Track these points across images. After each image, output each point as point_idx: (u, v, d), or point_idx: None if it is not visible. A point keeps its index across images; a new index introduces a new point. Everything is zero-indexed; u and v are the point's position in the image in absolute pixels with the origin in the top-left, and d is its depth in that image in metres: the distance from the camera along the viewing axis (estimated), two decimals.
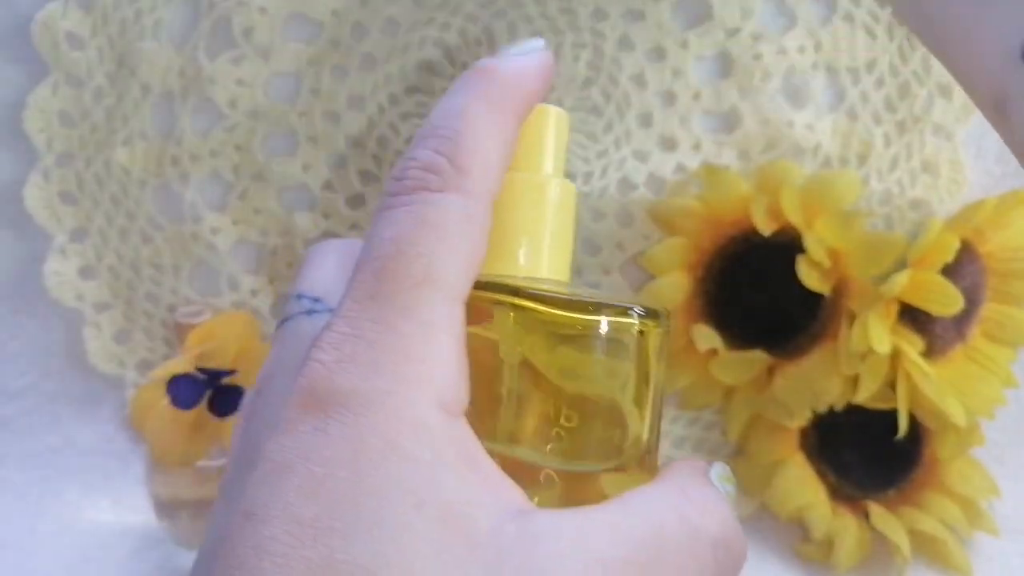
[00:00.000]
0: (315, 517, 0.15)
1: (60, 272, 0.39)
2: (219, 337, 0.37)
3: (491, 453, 0.18)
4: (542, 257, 0.21)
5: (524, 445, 0.19)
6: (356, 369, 0.17)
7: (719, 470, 0.21)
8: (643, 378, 0.19)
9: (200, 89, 0.37)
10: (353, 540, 0.15)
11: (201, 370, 0.36)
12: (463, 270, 0.18)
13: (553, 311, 0.19)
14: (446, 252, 0.18)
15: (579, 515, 0.17)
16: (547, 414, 0.19)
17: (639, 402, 0.19)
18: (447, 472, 0.17)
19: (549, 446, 0.19)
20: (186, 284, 0.40)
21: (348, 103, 0.38)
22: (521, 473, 0.19)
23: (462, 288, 0.18)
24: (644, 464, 0.20)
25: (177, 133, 0.37)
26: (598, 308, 0.19)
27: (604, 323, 0.19)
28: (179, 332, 0.37)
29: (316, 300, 0.22)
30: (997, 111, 0.23)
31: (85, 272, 0.40)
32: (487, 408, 0.19)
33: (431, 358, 0.17)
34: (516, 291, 0.19)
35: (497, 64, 0.21)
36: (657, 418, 0.20)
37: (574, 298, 0.19)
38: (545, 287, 0.20)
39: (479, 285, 0.19)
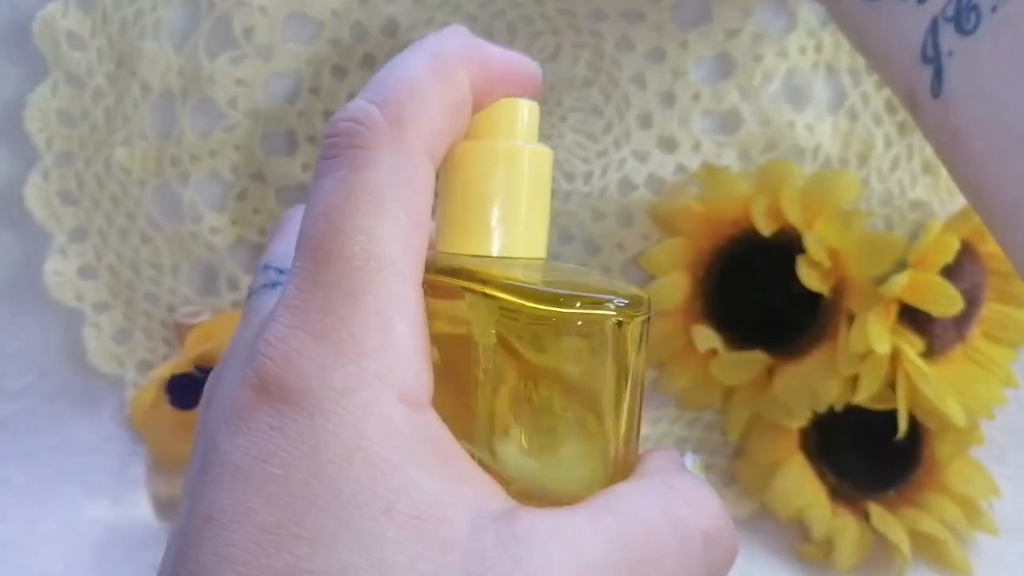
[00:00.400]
0: (277, 523, 0.15)
1: (60, 272, 0.39)
2: (218, 337, 0.37)
3: (468, 440, 0.18)
4: (518, 233, 0.19)
5: (501, 430, 0.18)
6: (307, 365, 0.16)
7: (692, 460, 0.20)
8: (621, 369, 0.18)
9: (200, 89, 0.37)
10: (318, 549, 0.15)
11: (201, 370, 0.36)
12: (407, 239, 0.17)
13: (524, 303, 0.17)
14: (384, 223, 0.16)
15: (562, 515, 0.16)
16: (524, 397, 0.18)
17: (616, 393, 0.18)
18: (418, 471, 0.16)
19: (527, 431, 0.18)
20: (185, 284, 0.40)
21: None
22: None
23: (410, 260, 0.17)
24: (624, 455, 0.19)
25: (177, 133, 0.37)
26: (571, 300, 0.18)
27: (578, 315, 0.18)
28: (179, 332, 0.37)
29: (281, 272, 0.20)
30: (910, 105, 0.25)
31: (85, 272, 0.40)
32: (464, 388, 0.18)
33: (387, 349, 0.16)
34: (486, 280, 0.18)
35: (461, 30, 0.19)
36: (636, 408, 0.19)
37: (547, 289, 0.18)
38: (519, 273, 0.19)
39: (451, 270, 0.18)
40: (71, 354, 0.41)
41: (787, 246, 0.37)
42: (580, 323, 0.18)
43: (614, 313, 0.18)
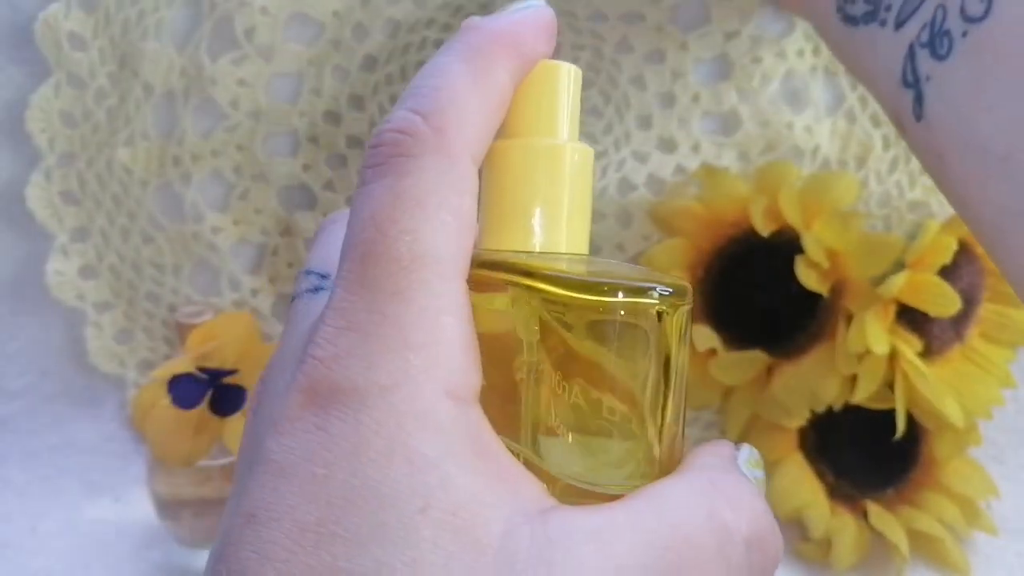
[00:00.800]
0: (317, 521, 0.15)
1: (61, 272, 0.40)
2: (220, 337, 0.37)
3: (512, 437, 0.18)
4: (560, 229, 0.20)
5: (544, 427, 0.18)
6: (354, 363, 0.16)
7: (747, 454, 0.19)
8: (663, 360, 0.18)
9: (202, 89, 0.37)
10: (356, 547, 0.15)
11: (202, 370, 0.36)
12: (453, 241, 0.17)
13: (567, 293, 0.18)
14: (430, 225, 0.17)
15: (600, 515, 0.16)
16: (567, 392, 0.18)
17: (660, 384, 0.18)
18: (456, 468, 0.16)
19: (570, 427, 0.18)
20: (187, 284, 0.40)
21: (349, 103, 0.38)
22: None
23: (456, 261, 0.17)
24: (669, 449, 0.19)
25: (179, 133, 0.38)
26: (614, 289, 0.18)
27: (621, 304, 0.18)
28: (180, 332, 0.38)
29: (323, 277, 0.21)
30: (897, 126, 0.26)
31: (86, 272, 0.40)
32: (507, 385, 0.18)
33: (433, 344, 0.16)
34: (528, 272, 0.18)
35: (483, 21, 0.19)
36: (681, 401, 0.19)
37: (590, 279, 0.18)
38: (562, 266, 0.19)
39: (493, 264, 0.19)
40: (72, 354, 0.42)
41: (786, 247, 0.37)
42: (623, 312, 0.18)
43: (656, 302, 0.18)
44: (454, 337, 0.16)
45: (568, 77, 0.21)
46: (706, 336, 0.39)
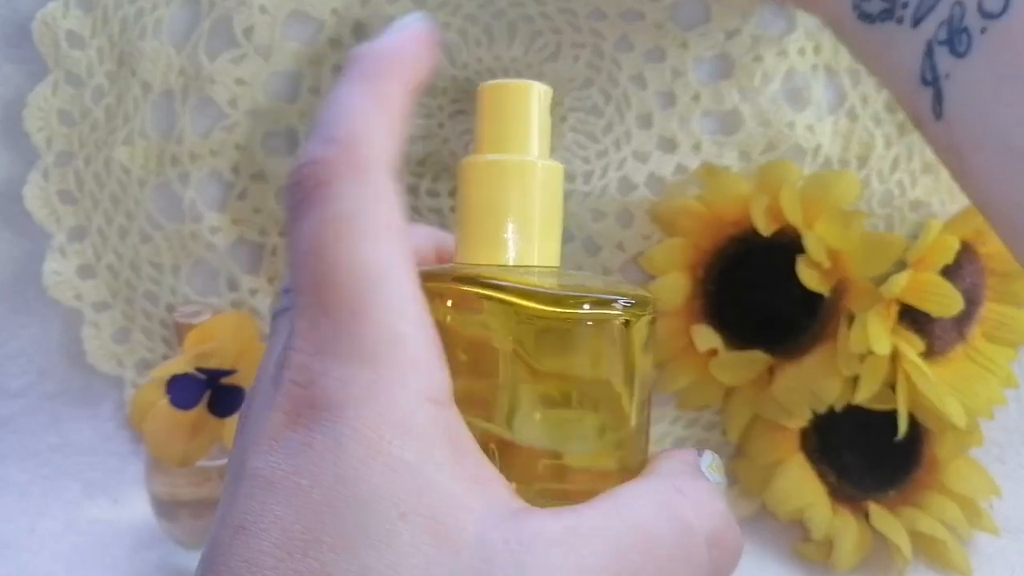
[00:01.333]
0: (303, 530, 0.16)
1: (59, 271, 0.39)
2: (218, 337, 0.37)
3: (489, 439, 0.19)
4: (532, 243, 0.21)
5: (520, 433, 0.19)
6: (330, 383, 0.17)
7: (709, 460, 0.20)
8: (629, 367, 0.19)
9: (200, 88, 0.37)
10: (341, 553, 0.15)
11: (200, 370, 0.36)
12: (393, 250, 0.18)
13: (536, 306, 0.19)
14: (366, 243, 0.18)
15: (567, 518, 0.17)
16: (541, 401, 0.19)
17: (626, 391, 0.19)
18: (434, 471, 0.16)
19: (542, 434, 0.19)
20: (185, 283, 0.40)
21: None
22: (520, 460, 0.19)
23: (400, 268, 0.18)
24: (634, 452, 0.20)
25: (177, 132, 0.37)
26: (580, 301, 0.19)
27: (587, 316, 0.19)
28: (178, 332, 0.37)
29: None
30: (916, 124, 0.26)
31: (84, 271, 0.40)
32: (486, 394, 0.19)
33: (399, 353, 0.17)
34: (500, 286, 0.19)
35: (368, 46, 0.21)
36: (645, 408, 0.20)
37: (559, 292, 0.19)
38: (533, 279, 0.20)
39: (467, 278, 0.19)
40: (70, 354, 0.41)
41: (787, 246, 0.37)
42: (590, 323, 0.19)
43: (620, 313, 0.19)
44: (415, 342, 0.17)
45: (538, 97, 0.21)
46: (707, 336, 0.39)
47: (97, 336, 0.41)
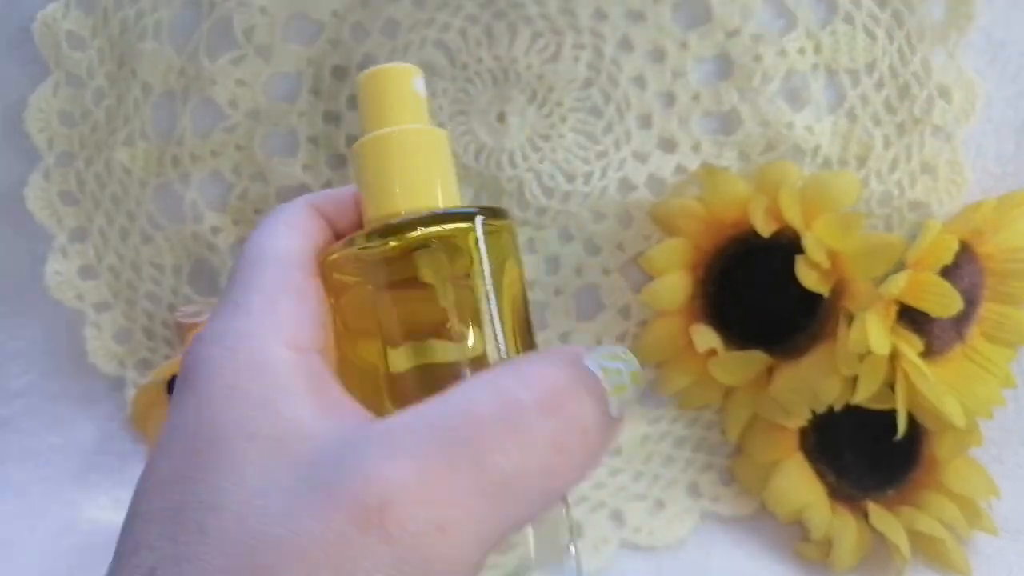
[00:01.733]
0: (173, 471, 0.18)
1: (61, 272, 0.39)
2: None
3: (377, 379, 0.20)
4: (418, 194, 0.22)
5: (393, 364, 0.21)
6: (207, 336, 0.19)
7: (602, 350, 0.19)
8: (479, 277, 0.20)
9: (201, 89, 0.37)
10: (200, 483, 0.17)
11: None
12: (288, 243, 0.21)
13: (375, 246, 0.20)
14: (266, 232, 0.21)
15: (395, 418, 0.18)
16: (407, 331, 0.21)
17: (481, 300, 0.20)
18: (284, 402, 0.18)
19: (408, 360, 0.21)
20: (186, 284, 0.40)
21: (348, 103, 0.38)
22: (399, 388, 0.20)
23: (291, 257, 0.21)
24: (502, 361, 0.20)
25: (178, 133, 0.37)
26: (412, 225, 0.20)
27: (424, 236, 0.20)
28: (179, 332, 0.38)
29: None
30: None
31: (85, 272, 0.40)
32: (372, 338, 0.21)
33: (270, 310, 0.20)
34: (351, 241, 0.21)
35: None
36: (518, 316, 0.21)
37: (393, 221, 0.20)
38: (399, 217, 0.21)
39: (345, 244, 0.21)
40: (72, 354, 0.42)
41: (786, 247, 0.37)
42: (434, 245, 0.20)
43: (455, 227, 0.20)
44: (289, 305, 0.20)
45: (416, 79, 0.23)
46: (707, 336, 0.39)
47: (98, 336, 0.41)
